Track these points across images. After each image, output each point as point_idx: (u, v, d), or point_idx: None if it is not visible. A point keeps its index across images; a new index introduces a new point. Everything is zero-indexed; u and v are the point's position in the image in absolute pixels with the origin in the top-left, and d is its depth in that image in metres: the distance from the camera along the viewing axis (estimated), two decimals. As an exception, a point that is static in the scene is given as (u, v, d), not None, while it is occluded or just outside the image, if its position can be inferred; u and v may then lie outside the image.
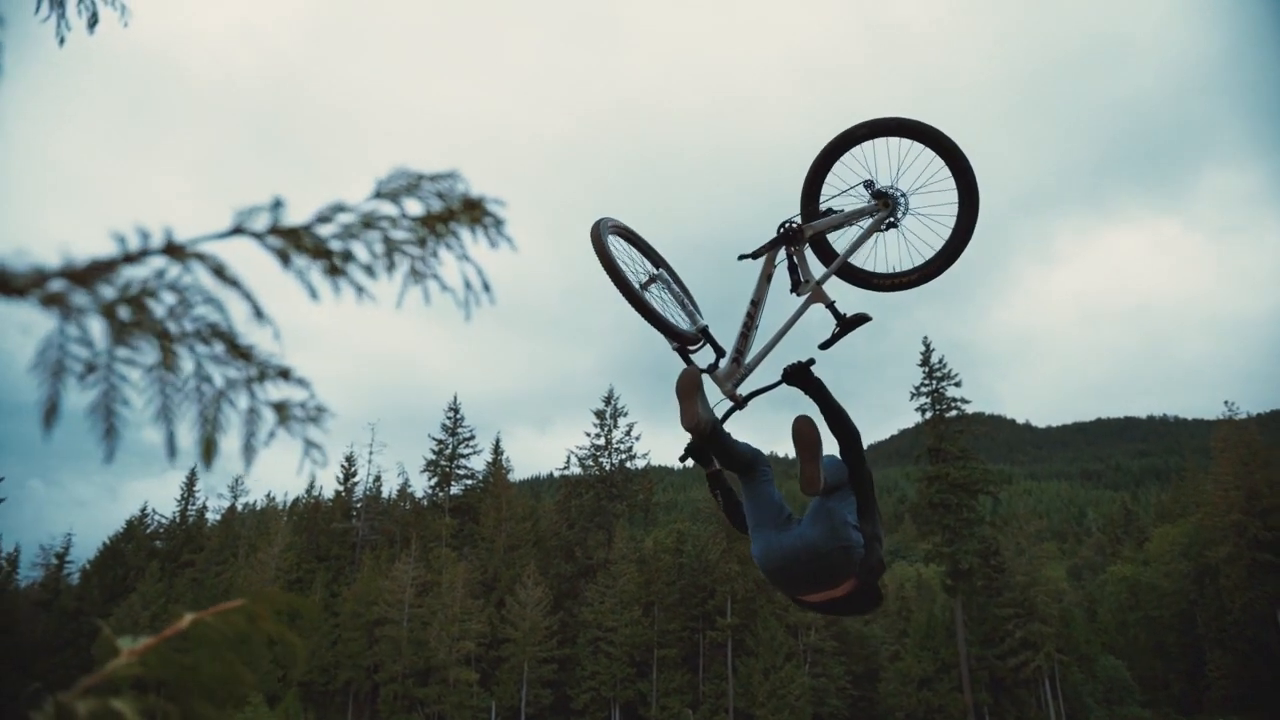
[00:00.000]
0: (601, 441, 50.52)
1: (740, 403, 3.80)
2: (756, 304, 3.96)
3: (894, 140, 3.90)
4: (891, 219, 3.96)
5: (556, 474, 54.60)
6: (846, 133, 4.01)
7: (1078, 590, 51.57)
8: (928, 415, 41.95)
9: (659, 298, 4.04)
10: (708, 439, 3.53)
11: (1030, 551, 41.01)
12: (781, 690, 37.48)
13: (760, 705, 37.48)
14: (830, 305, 3.86)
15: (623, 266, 3.68)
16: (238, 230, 0.78)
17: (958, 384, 42.03)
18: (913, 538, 58.97)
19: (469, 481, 52.27)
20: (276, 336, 0.82)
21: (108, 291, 0.72)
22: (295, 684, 38.81)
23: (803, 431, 3.34)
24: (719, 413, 3.68)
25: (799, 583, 3.31)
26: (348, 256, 0.84)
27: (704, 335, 4.01)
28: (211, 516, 54.53)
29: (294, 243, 0.81)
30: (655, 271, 4.20)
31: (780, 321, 3.98)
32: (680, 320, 4.08)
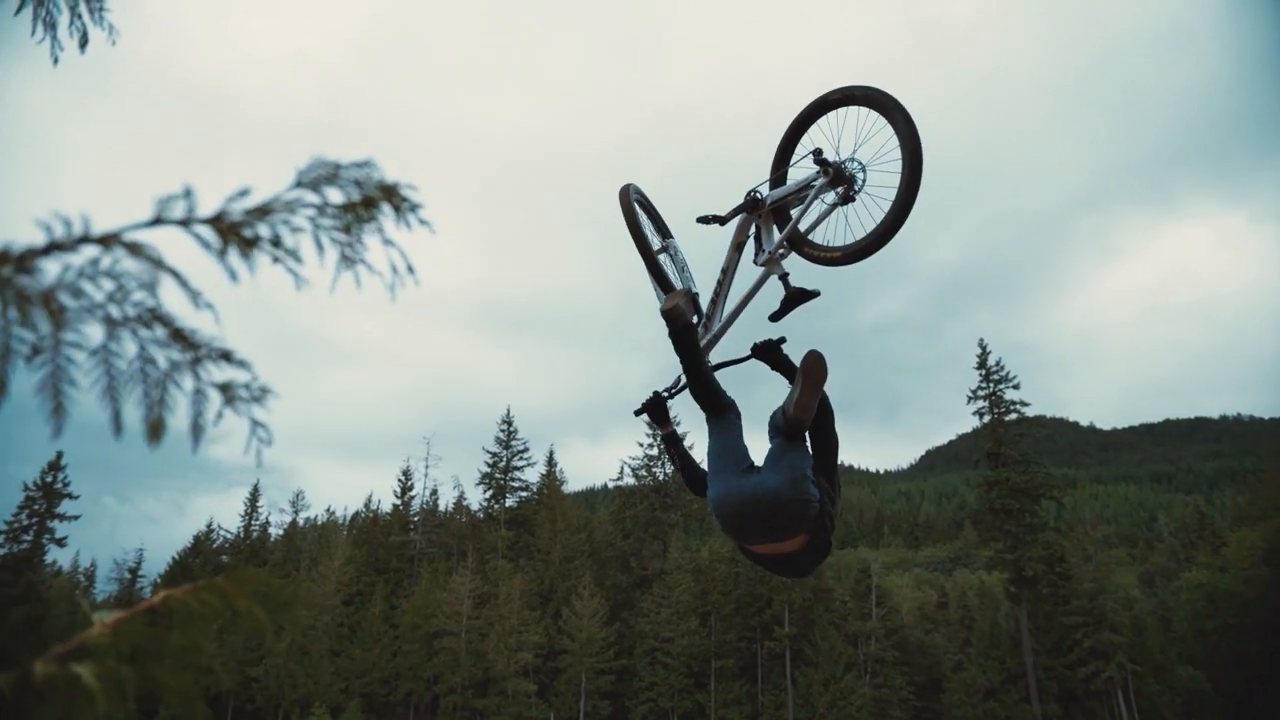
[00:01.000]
0: (654, 451, 50.46)
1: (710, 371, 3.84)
2: (726, 272, 3.99)
3: (863, 110, 3.68)
4: (851, 193, 3.74)
5: (610, 485, 54.73)
6: (820, 99, 3.87)
7: (1150, 598, 49.74)
8: (986, 419, 41.02)
9: (666, 262, 4.24)
10: (683, 334, 3.54)
11: (1098, 557, 39.72)
12: (842, 701, 36.89)
13: (821, 716, 36.93)
14: (783, 277, 3.78)
15: (645, 228, 3.94)
16: (159, 220, 0.84)
17: (1016, 386, 41.06)
18: (974, 544, 57.64)
19: (524, 494, 52.67)
20: (217, 321, 0.87)
21: (47, 278, 0.76)
22: (358, 695, 39.49)
23: (814, 366, 3.32)
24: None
25: (752, 530, 3.29)
26: (275, 242, 0.89)
27: (693, 299, 4.10)
28: (274, 531, 55.87)
29: (216, 228, 0.87)
30: (664, 242, 4.40)
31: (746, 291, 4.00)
32: (678, 283, 4.27)
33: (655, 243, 4.24)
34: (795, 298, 3.72)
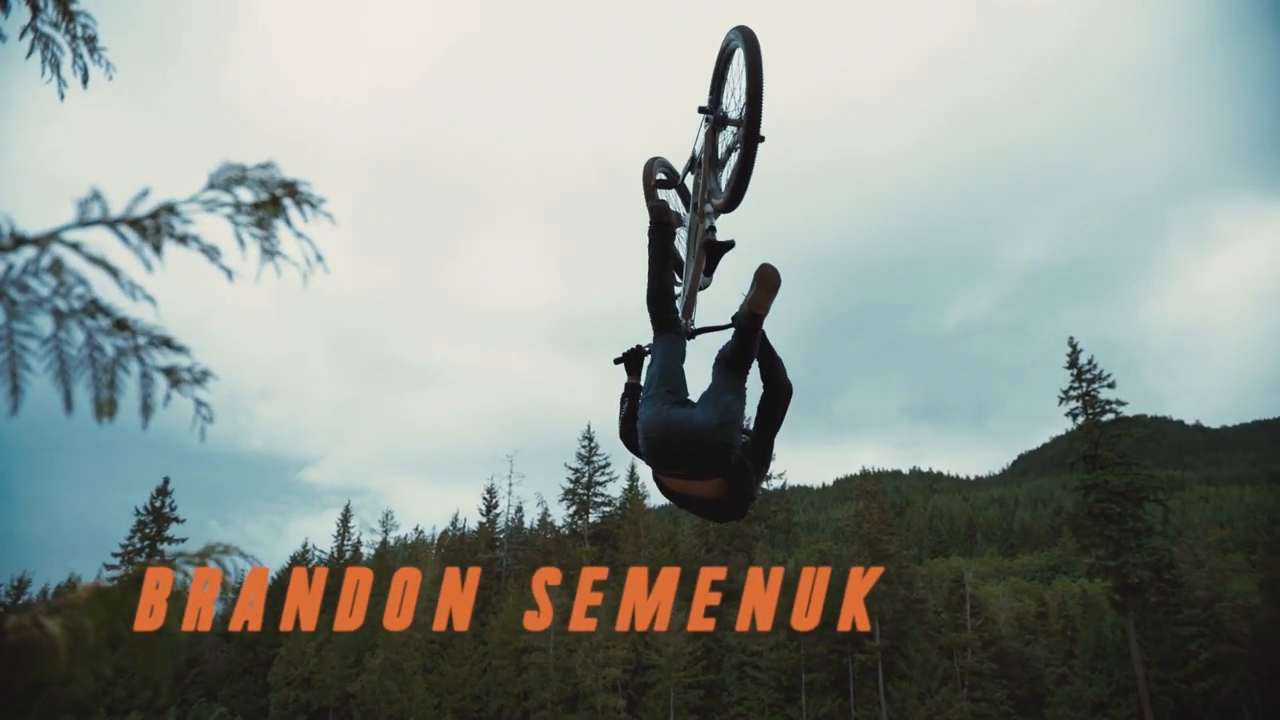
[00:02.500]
0: (735, 462, 50.08)
1: (689, 334, 3.91)
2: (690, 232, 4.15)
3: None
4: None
5: (694, 499, 54.43)
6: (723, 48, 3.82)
7: (1274, 606, 46.64)
8: (1080, 420, 39.35)
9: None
10: (662, 232, 3.73)
11: (1212, 563, 37.56)
12: (939, 716, 35.75)
13: (917, 732, 35.89)
14: (708, 230, 3.86)
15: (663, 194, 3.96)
16: (82, 221, 0.95)
17: (1111, 385, 39.25)
18: (1073, 551, 55.19)
19: (606, 509, 52.98)
20: (155, 308, 1.00)
21: None
22: (450, 711, 40.22)
23: (769, 270, 3.38)
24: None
25: (669, 460, 3.29)
26: (181, 237, 1.01)
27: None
28: (366, 550, 57.54)
29: (134, 227, 0.99)
30: (681, 213, 4.37)
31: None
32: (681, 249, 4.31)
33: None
34: (712, 250, 3.83)
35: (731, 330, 3.60)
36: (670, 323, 3.72)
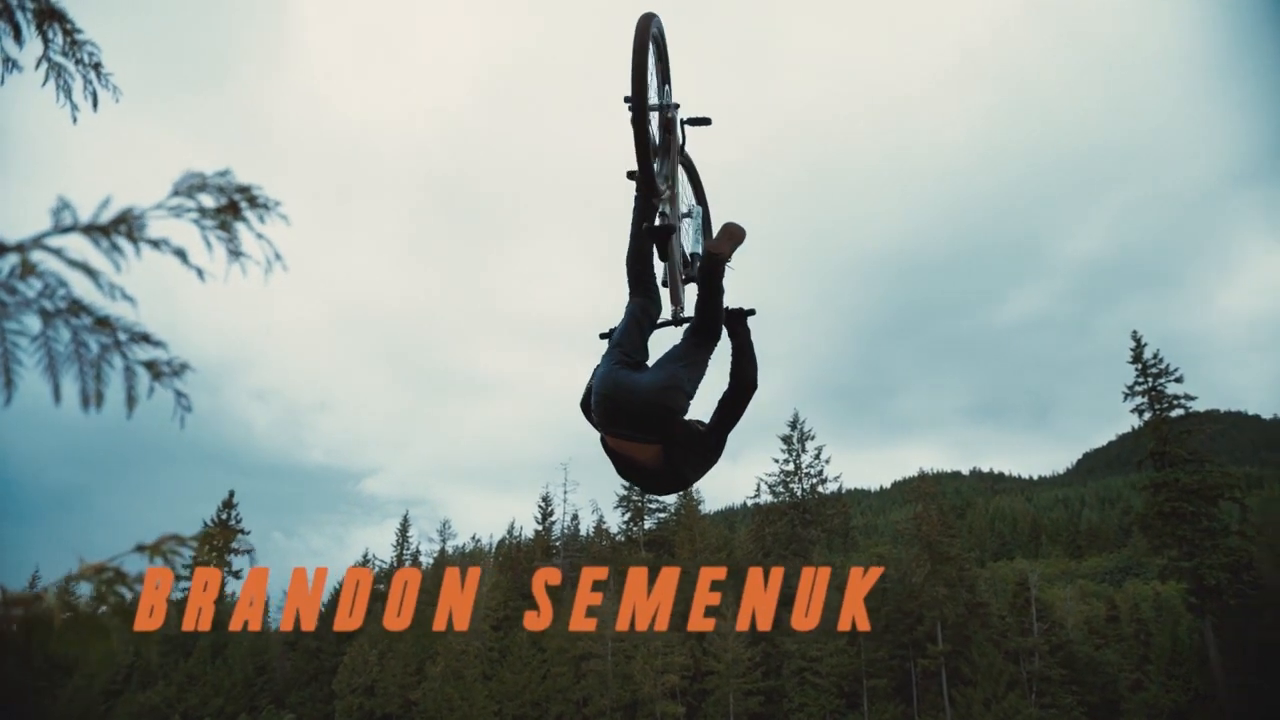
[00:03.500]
0: (790, 467, 49.73)
1: (678, 321, 4.02)
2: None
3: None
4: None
5: (749, 503, 54.23)
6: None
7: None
8: (1146, 416, 38.12)
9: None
10: (641, 195, 3.90)
11: (1294, 563, 35.90)
12: (1006, 723, 34.86)
13: (984, 739, 35.02)
14: (682, 122, 4.26)
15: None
16: (57, 229, 1.05)
17: (1179, 379, 37.93)
18: (1144, 552, 53.45)
19: (661, 515, 52.93)
20: (134, 306, 1.10)
21: None
22: (510, 718, 40.50)
23: (733, 227, 3.57)
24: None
25: (611, 416, 3.35)
26: (156, 243, 1.10)
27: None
28: (425, 560, 58.35)
29: (103, 233, 1.08)
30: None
31: None
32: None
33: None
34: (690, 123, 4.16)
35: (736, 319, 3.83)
36: (641, 288, 3.84)
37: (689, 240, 4.44)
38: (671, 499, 53.07)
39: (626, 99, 3.65)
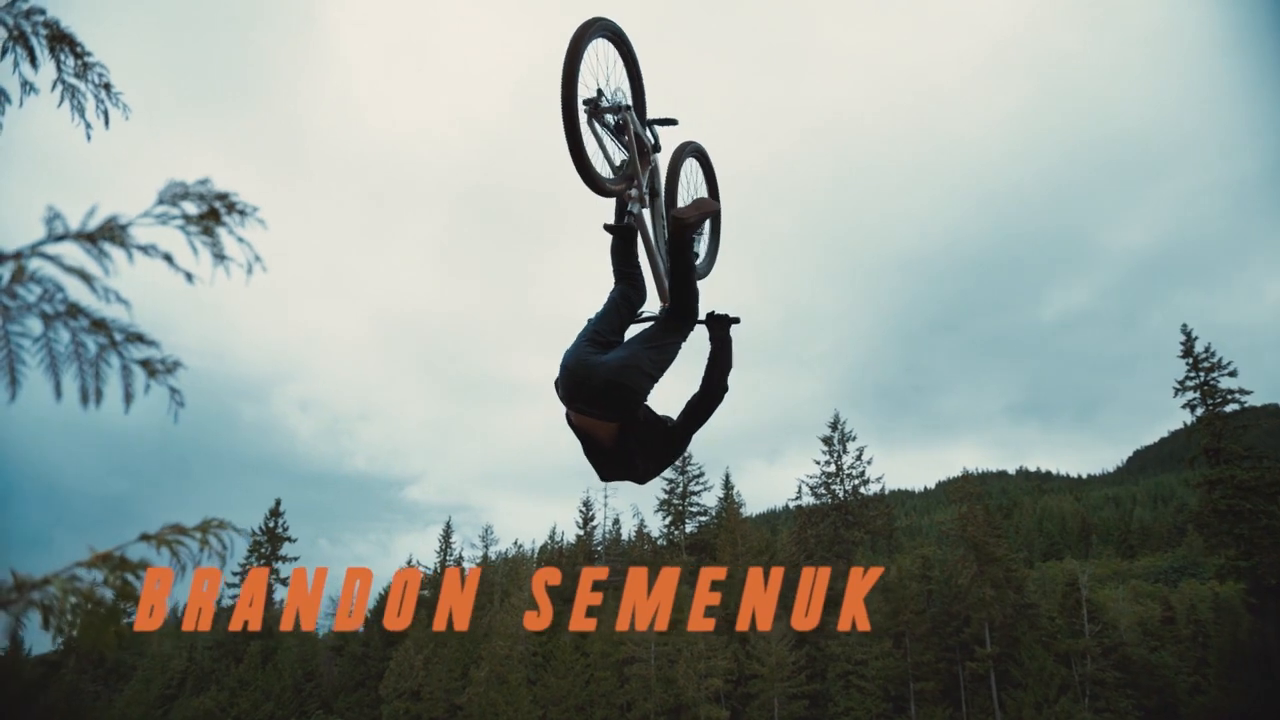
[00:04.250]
0: (832, 468, 49.28)
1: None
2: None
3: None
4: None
5: (790, 505, 53.90)
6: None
7: None
8: (1199, 412, 37.08)
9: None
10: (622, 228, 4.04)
11: (1359, 561, 34.62)
12: (1059, 727, 34.11)
13: (1036, 743, 34.30)
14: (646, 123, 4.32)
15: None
16: (50, 236, 1.13)
17: (1232, 374, 36.82)
18: (1200, 551, 51.95)
19: (702, 518, 52.82)
20: (129, 309, 1.18)
21: None
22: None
23: (706, 200, 3.85)
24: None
25: (571, 390, 3.45)
26: (145, 248, 1.17)
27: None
28: (468, 565, 58.86)
29: (90, 240, 1.14)
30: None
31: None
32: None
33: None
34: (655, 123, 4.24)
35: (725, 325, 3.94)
36: (623, 276, 3.98)
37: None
38: (713, 502, 52.99)
39: (585, 101, 3.80)
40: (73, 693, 50.22)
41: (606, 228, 4.02)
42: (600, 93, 3.87)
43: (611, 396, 3.38)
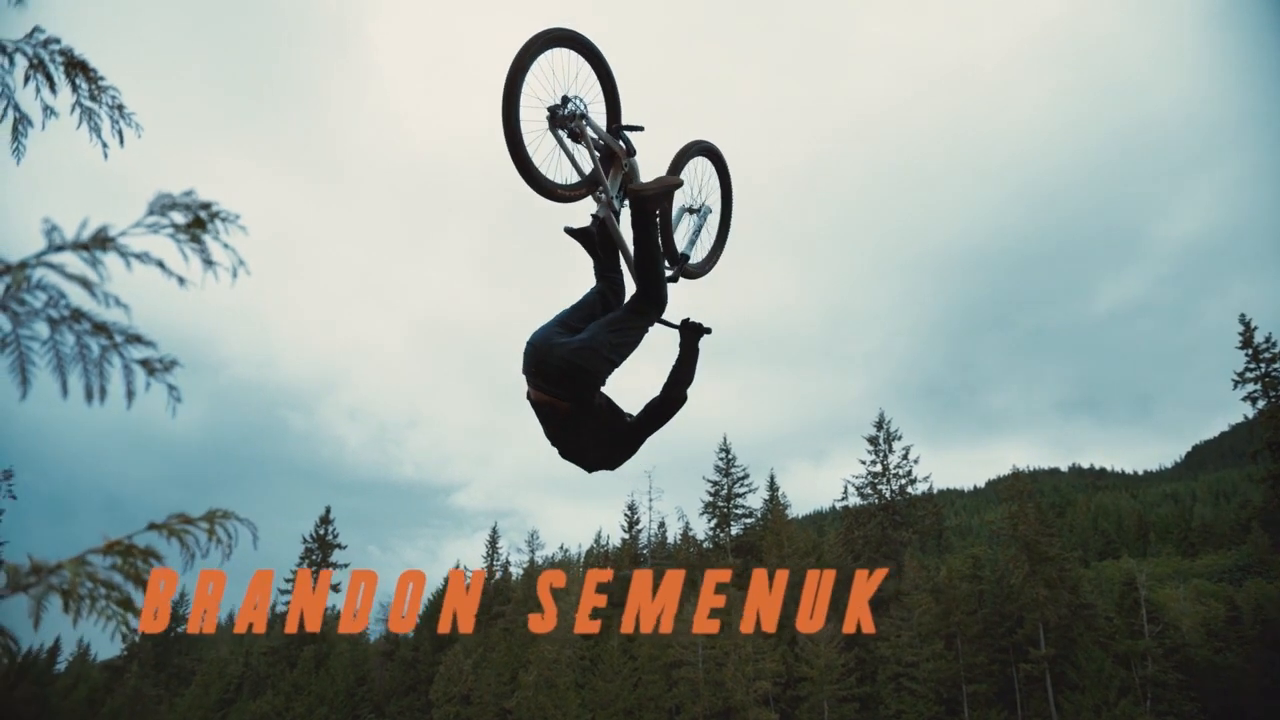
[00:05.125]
0: (878, 468, 48.75)
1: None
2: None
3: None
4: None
5: (837, 506, 53.38)
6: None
7: None
8: (1260, 405, 35.92)
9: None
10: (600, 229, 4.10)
11: None
12: (1119, 730, 33.22)
13: (1095, 747, 33.45)
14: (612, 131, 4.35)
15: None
16: (51, 247, 1.22)
17: (1296, 362, 35.71)
18: (1266, 549, 50.21)
19: (748, 520, 52.54)
20: (128, 312, 1.28)
21: None
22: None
23: (668, 179, 3.90)
24: None
25: (531, 367, 3.56)
26: (140, 255, 1.26)
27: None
28: (515, 570, 59.26)
29: (85, 249, 1.23)
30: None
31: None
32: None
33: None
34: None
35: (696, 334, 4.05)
36: (602, 279, 4.07)
37: (683, 240, 4.57)
38: (758, 504, 52.67)
39: (549, 108, 3.91)
40: (136, 696, 51.75)
41: (567, 230, 4.08)
42: (566, 99, 3.93)
43: (567, 376, 3.49)
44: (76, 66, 1.78)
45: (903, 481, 47.99)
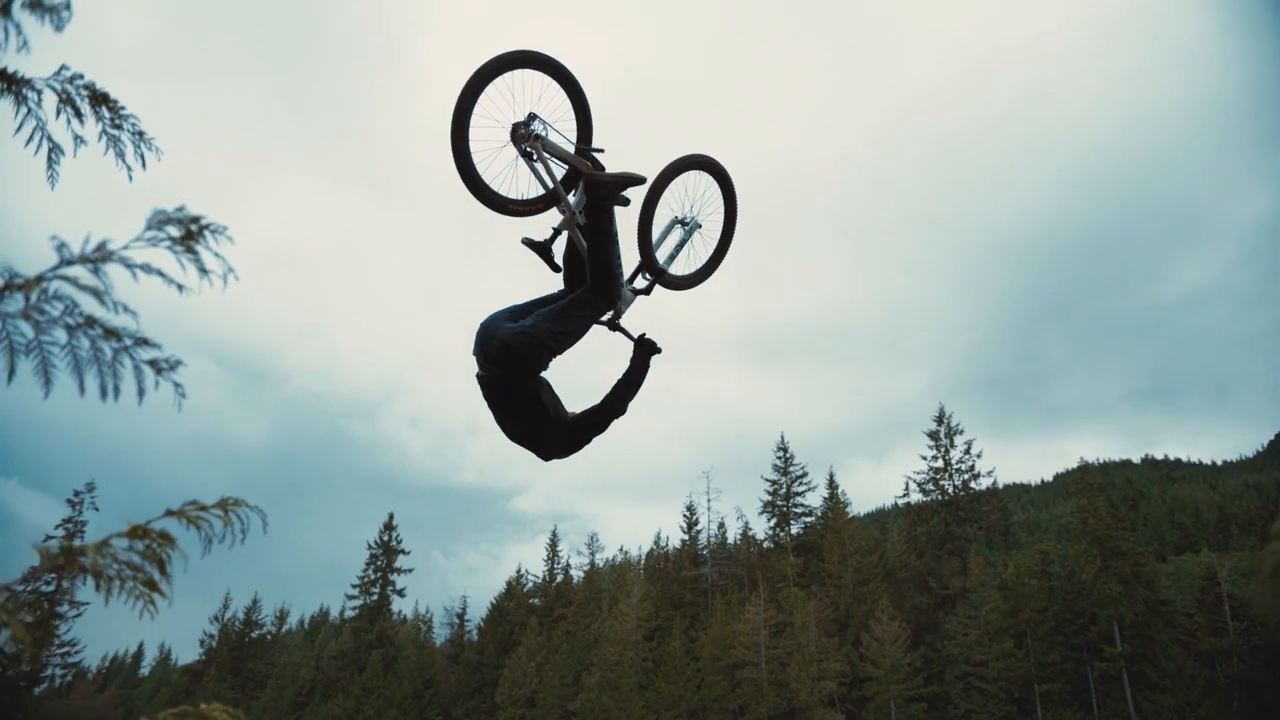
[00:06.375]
0: (939, 464, 47.85)
1: (612, 326, 4.30)
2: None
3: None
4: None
5: (899, 503, 52.56)
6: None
7: None
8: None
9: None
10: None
11: None
12: (1203, 730, 32.00)
13: (1178, 748, 32.26)
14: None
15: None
16: (64, 262, 1.36)
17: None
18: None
19: (808, 519, 52.04)
20: (136, 318, 1.42)
21: (15, 304, 1.36)
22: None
23: (632, 173, 4.00)
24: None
25: (478, 346, 3.77)
26: (144, 266, 1.41)
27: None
28: (575, 573, 59.66)
29: (90, 263, 1.38)
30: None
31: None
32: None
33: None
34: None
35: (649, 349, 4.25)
36: (575, 290, 4.13)
37: (663, 253, 4.59)
38: (817, 502, 52.11)
39: (515, 124, 4.03)
40: (214, 698, 53.38)
41: (524, 241, 4.21)
42: (534, 116, 4.01)
43: (505, 357, 3.69)
44: (99, 99, 1.93)
45: (965, 477, 47.02)
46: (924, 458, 48.18)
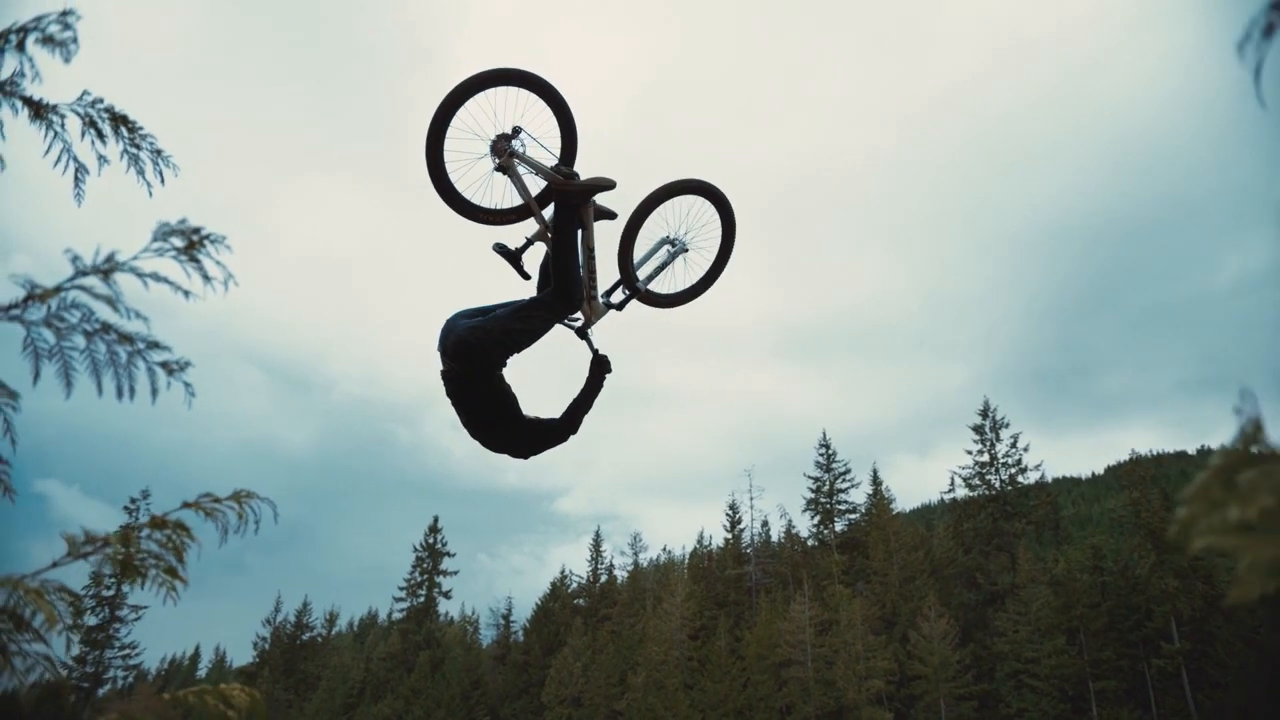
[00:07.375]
0: (985, 458, 47.09)
1: (580, 334, 4.39)
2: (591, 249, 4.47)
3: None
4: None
5: (945, 499, 51.84)
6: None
7: None
8: None
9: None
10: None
11: None
12: (1267, 728, 31.02)
13: (1241, 747, 31.34)
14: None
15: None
16: (79, 273, 1.48)
17: None
18: None
19: (851, 516, 51.56)
20: (147, 323, 1.56)
21: (37, 313, 1.48)
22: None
23: (603, 179, 4.15)
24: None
25: (439, 342, 3.97)
26: (154, 275, 1.53)
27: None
28: (619, 573, 59.80)
29: (102, 274, 1.50)
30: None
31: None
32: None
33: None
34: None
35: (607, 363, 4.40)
36: (543, 294, 4.27)
37: (645, 271, 4.66)
38: (861, 499, 51.62)
39: (497, 136, 4.19)
40: (268, 700, 54.58)
41: (494, 248, 4.32)
42: (518, 130, 4.16)
43: (461, 353, 3.86)
44: (119, 120, 2.06)
45: (1012, 471, 46.22)
46: (969, 452, 47.48)
